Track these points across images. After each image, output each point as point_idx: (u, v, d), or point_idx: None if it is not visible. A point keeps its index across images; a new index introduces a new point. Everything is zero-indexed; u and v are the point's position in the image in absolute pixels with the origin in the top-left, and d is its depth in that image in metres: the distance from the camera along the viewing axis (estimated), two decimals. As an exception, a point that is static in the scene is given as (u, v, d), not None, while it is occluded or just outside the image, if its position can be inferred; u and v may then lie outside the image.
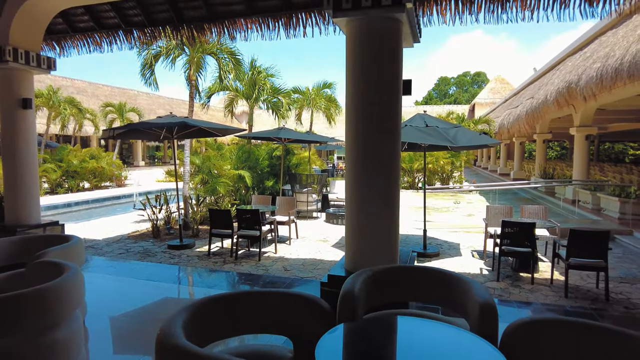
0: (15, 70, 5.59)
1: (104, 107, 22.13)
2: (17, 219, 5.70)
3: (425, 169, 7.72)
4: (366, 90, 3.80)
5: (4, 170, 5.73)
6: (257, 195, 8.94)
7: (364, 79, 3.79)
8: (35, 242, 3.89)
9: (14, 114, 5.62)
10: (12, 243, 3.85)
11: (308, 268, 6.62)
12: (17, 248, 3.83)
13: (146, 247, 7.97)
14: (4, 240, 3.81)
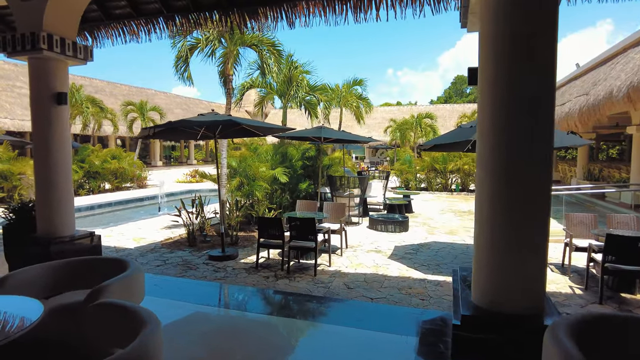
0: (50, 61, 4.88)
1: (124, 105, 21.59)
2: (50, 229, 4.99)
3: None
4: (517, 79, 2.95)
5: (36, 174, 5.03)
6: (302, 201, 8.16)
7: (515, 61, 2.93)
8: (83, 268, 3.04)
9: (48, 110, 4.90)
10: (54, 269, 2.98)
11: (373, 286, 5.82)
12: (61, 276, 2.98)
13: (184, 257, 7.25)
14: (44, 267, 2.95)
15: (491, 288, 3.06)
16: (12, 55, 4.83)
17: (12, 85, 24.57)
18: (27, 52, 4.70)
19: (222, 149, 8.83)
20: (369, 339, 3.97)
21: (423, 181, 18.90)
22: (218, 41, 8.07)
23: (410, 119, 23.01)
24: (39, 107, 4.91)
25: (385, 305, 5.06)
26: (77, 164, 16.22)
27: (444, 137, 7.03)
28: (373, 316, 4.74)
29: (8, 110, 22.61)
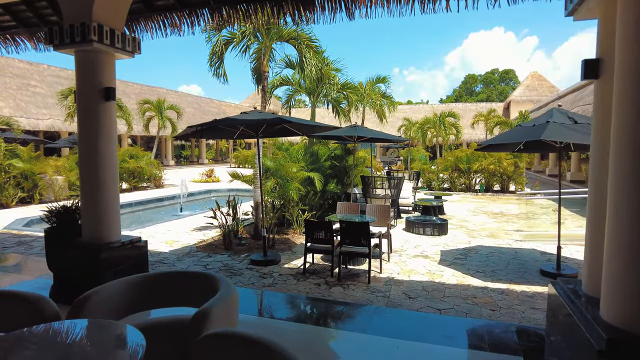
0: (99, 54, 4.53)
1: (141, 104, 21.31)
2: (97, 234, 4.65)
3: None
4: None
5: (82, 175, 4.69)
6: (343, 203, 7.79)
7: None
8: (162, 284, 2.63)
9: (96, 107, 4.56)
10: (130, 285, 2.56)
11: (435, 295, 5.44)
12: (137, 293, 2.55)
13: (224, 262, 6.90)
14: (121, 283, 2.56)
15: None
16: (59, 48, 4.49)
17: (26, 84, 24.39)
18: (75, 45, 4.36)
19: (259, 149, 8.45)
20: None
21: (445, 181, 18.48)
22: (254, 36, 7.71)
23: (433, 117, 22.57)
24: (86, 103, 4.57)
25: (466, 319, 4.65)
26: (96, 163, 15.94)
27: (504, 137, 6.63)
28: (456, 331, 4.33)
29: (24, 109, 22.42)
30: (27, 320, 2.17)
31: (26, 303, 2.21)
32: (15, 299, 2.27)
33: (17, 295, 2.27)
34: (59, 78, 27.35)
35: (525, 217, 11.93)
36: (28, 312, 2.19)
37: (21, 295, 2.26)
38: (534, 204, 14.62)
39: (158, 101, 21.70)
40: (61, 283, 4.90)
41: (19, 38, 7.32)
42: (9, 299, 2.28)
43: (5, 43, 7.46)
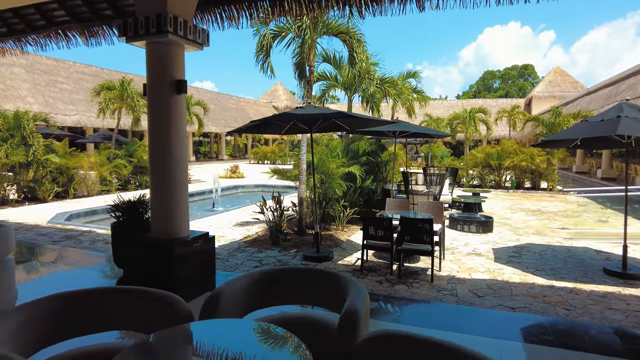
0: (171, 46, 4.46)
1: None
2: (167, 229, 4.59)
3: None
4: None
5: (153, 169, 4.64)
6: (393, 199, 7.66)
7: None
8: (279, 281, 2.66)
9: (166, 100, 4.50)
10: (251, 282, 2.61)
11: (503, 294, 5.29)
12: (256, 289, 2.60)
13: (277, 257, 6.83)
14: (245, 279, 2.57)
15: None
16: (132, 40, 4.43)
17: (54, 80, 24.68)
18: (150, 36, 4.29)
19: (303, 144, 8.37)
20: None
21: (475, 178, 18.19)
22: (301, 29, 7.57)
23: (462, 113, 22.25)
24: (157, 96, 4.51)
25: (558, 319, 4.49)
26: (126, 159, 16.06)
27: (566, 133, 6.43)
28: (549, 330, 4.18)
29: (52, 105, 22.69)
30: (163, 319, 2.11)
31: (159, 302, 2.14)
32: (144, 297, 2.20)
33: (146, 294, 2.20)
34: (83, 74, 27.64)
35: (565, 214, 11.65)
36: (163, 311, 2.12)
37: (152, 293, 2.19)
38: (570, 202, 14.30)
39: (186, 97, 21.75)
40: (130, 278, 4.87)
41: (70, 33, 7.34)
42: (138, 296, 2.21)
43: (56, 38, 7.49)
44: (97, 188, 14.68)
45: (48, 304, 2.05)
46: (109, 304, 2.17)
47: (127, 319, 2.17)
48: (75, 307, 2.12)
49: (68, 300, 2.12)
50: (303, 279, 2.52)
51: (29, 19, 7.28)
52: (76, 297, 2.15)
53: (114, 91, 16.16)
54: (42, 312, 2.02)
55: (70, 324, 2.11)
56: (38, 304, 2.03)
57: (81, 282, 5.54)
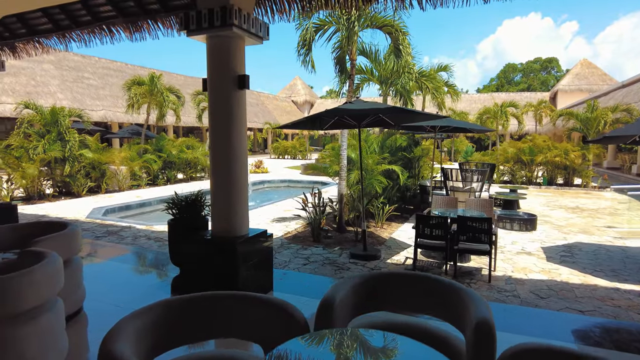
0: (233, 39, 4.36)
1: (195, 94, 21.53)
2: (228, 227, 4.52)
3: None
4: None
5: (213, 165, 4.55)
6: (440, 196, 7.47)
7: None
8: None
9: (228, 95, 4.40)
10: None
11: (567, 296, 5.09)
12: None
13: (323, 255, 6.73)
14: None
15: None
16: (193, 33, 4.33)
17: (81, 76, 24.98)
18: (214, 29, 4.19)
19: (344, 140, 8.23)
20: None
21: (506, 173, 17.81)
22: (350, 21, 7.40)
23: (494, 107, 21.79)
24: (219, 91, 4.41)
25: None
26: (155, 154, 16.15)
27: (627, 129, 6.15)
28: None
29: (79, 101, 22.97)
30: (278, 328, 2.01)
31: (276, 309, 2.04)
32: (261, 304, 2.10)
33: (265, 301, 2.10)
34: (109, 70, 27.92)
35: (607, 212, 11.28)
36: (279, 319, 2.02)
37: (271, 301, 2.09)
38: (607, 199, 13.87)
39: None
40: (187, 275, 4.82)
41: (114, 28, 7.31)
42: (254, 303, 2.11)
43: (100, 34, 7.47)
44: (127, 183, 14.80)
45: (162, 310, 1.97)
46: (222, 310, 2.08)
47: (241, 326, 2.07)
48: (188, 312, 2.03)
49: (183, 305, 2.03)
50: (407, 284, 2.39)
51: (75, 15, 7.27)
52: (191, 301, 2.06)
53: (143, 86, 16.24)
54: (157, 318, 1.94)
55: (184, 331, 2.02)
56: (153, 309, 1.95)
57: (139, 279, 5.54)
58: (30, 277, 2.53)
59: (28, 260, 3.06)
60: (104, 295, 4.47)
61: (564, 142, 17.00)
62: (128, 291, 4.85)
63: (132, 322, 1.86)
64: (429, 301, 2.30)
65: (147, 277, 5.66)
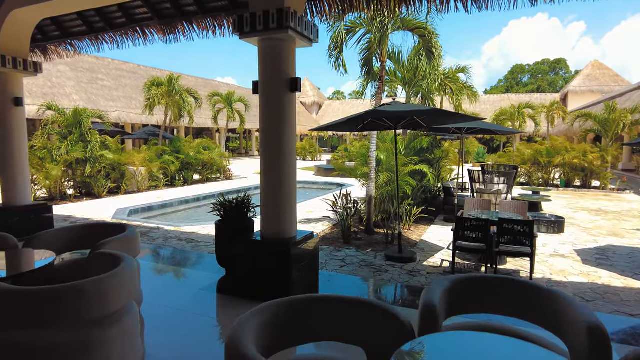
0: (285, 42, 4.34)
1: (210, 96, 21.59)
2: (278, 229, 4.53)
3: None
4: None
5: (264, 166, 4.56)
6: (472, 198, 7.46)
7: None
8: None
9: (281, 98, 4.38)
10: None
11: (613, 299, 5.07)
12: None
13: (357, 257, 6.73)
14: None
15: None
16: (247, 36, 4.33)
17: (95, 77, 25.14)
18: (270, 32, 4.19)
19: (373, 141, 8.23)
20: None
21: (522, 175, 17.73)
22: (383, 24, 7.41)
23: (510, 109, 21.73)
24: (271, 94, 4.42)
25: None
26: (173, 155, 16.21)
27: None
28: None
29: (94, 102, 23.10)
30: (385, 333, 2.02)
31: (384, 316, 2.04)
32: (368, 309, 2.10)
33: (373, 307, 2.10)
34: (122, 71, 28.08)
35: (631, 215, 11.20)
36: (384, 324, 2.03)
37: (380, 307, 2.09)
38: (629, 201, 13.78)
39: (228, 94, 21.87)
40: (234, 277, 4.83)
41: (148, 30, 7.35)
42: (361, 307, 2.12)
43: (133, 36, 7.52)
44: (146, 184, 14.87)
45: (278, 308, 1.98)
46: (325, 312, 2.08)
47: (344, 329, 2.08)
48: (297, 313, 2.04)
49: (294, 305, 2.05)
50: (494, 287, 2.39)
51: (110, 17, 7.33)
52: (301, 303, 2.07)
53: (162, 87, 16.32)
54: (271, 317, 1.95)
55: (291, 332, 2.03)
56: (270, 308, 1.96)
57: (184, 281, 5.57)
58: (117, 279, 2.55)
59: (99, 261, 3.09)
60: (154, 297, 4.48)
61: (582, 144, 16.91)
62: (176, 293, 4.88)
63: (251, 320, 1.87)
64: (519, 305, 2.29)
65: (191, 279, 5.69)
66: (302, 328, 2.06)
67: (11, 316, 2.33)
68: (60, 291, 2.33)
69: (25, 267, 3.16)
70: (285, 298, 2.07)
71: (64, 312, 2.36)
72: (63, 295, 2.33)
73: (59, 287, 2.36)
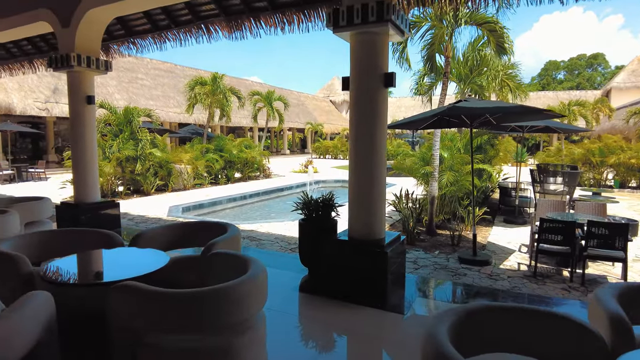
0: (382, 36, 4.20)
1: (251, 95, 21.74)
2: (368, 230, 4.39)
3: None
4: None
5: (356, 166, 4.41)
6: (545, 200, 7.12)
7: None
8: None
9: (374, 93, 4.20)
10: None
11: None
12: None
13: (429, 259, 6.51)
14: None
15: None
16: (342, 30, 4.19)
17: (135, 77, 25.65)
18: (368, 25, 4.02)
19: (437, 139, 7.99)
20: None
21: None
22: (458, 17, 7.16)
23: (560, 106, 21.01)
24: (364, 89, 4.23)
25: None
26: (217, 153, 16.32)
27: None
28: None
29: (135, 101, 23.55)
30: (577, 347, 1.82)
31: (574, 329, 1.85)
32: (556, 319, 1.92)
33: (560, 318, 1.92)
34: (159, 71, 28.57)
35: None
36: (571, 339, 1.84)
37: (569, 319, 1.91)
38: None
39: (268, 92, 21.96)
40: (317, 277, 4.72)
41: (212, 27, 7.31)
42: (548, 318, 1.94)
43: (197, 32, 7.49)
44: (191, 182, 15.01)
45: (466, 314, 1.84)
46: (520, 325, 1.92)
47: (542, 344, 1.90)
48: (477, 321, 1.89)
49: (480, 313, 1.89)
50: None
51: (175, 15, 7.34)
52: (478, 312, 1.92)
53: (206, 86, 16.45)
54: (458, 322, 1.81)
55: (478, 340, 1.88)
56: (457, 312, 1.82)
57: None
58: (254, 284, 2.45)
59: (221, 263, 3.00)
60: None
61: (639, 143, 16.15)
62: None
63: (445, 322, 1.73)
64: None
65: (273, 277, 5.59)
66: (490, 338, 1.91)
67: (162, 319, 2.25)
68: (206, 294, 2.24)
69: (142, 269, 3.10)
70: (476, 304, 1.92)
71: (208, 315, 2.27)
72: (206, 298, 2.24)
73: (204, 290, 2.27)
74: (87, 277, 2.74)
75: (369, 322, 3.91)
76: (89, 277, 2.74)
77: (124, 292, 2.24)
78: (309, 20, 6.28)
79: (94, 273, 2.84)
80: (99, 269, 2.92)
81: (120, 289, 2.26)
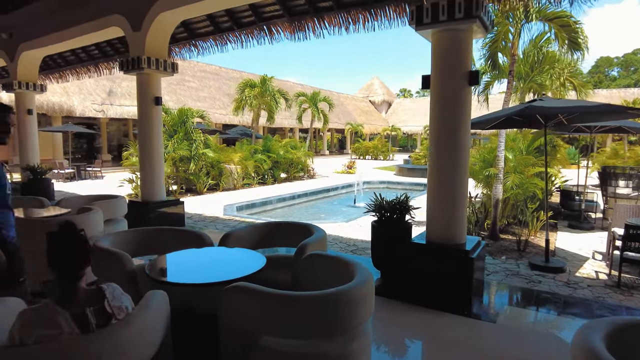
0: (466, 32, 4.06)
1: (296, 96, 21.96)
2: (448, 235, 4.25)
3: None
4: None
5: (435, 169, 4.28)
6: (623, 204, 6.70)
7: None
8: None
9: (458, 92, 4.06)
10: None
11: None
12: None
13: (498, 264, 6.26)
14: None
15: None
16: (425, 27, 4.07)
17: (182, 79, 26.39)
18: (456, 22, 3.87)
19: (502, 140, 7.69)
20: None
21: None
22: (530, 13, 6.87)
23: (624, 105, 19.96)
24: (447, 88, 4.09)
25: None
26: (265, 154, 16.50)
27: None
28: None
29: (182, 103, 24.17)
30: None
31: None
32: None
33: None
34: (205, 73, 29.27)
35: None
36: None
37: None
38: None
39: (314, 94, 22.09)
40: (390, 280, 4.61)
41: (274, 28, 7.34)
42: None
43: (259, 34, 7.55)
44: (241, 182, 15.24)
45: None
46: None
47: None
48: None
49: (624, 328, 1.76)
50: None
51: (238, 16, 7.42)
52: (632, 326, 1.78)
53: (255, 88, 16.69)
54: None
55: None
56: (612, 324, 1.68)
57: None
58: (367, 289, 2.37)
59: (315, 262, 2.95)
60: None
61: None
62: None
63: (599, 333, 1.60)
64: None
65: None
66: None
67: (278, 322, 2.21)
68: (329, 297, 2.18)
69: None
70: (627, 318, 1.77)
71: (326, 319, 2.21)
72: (329, 302, 2.18)
73: (327, 293, 2.21)
74: (193, 277, 2.75)
75: (456, 329, 3.76)
76: (194, 277, 2.75)
77: (240, 293, 2.22)
78: (375, 19, 6.16)
79: (198, 273, 2.86)
80: (201, 268, 2.94)
81: (235, 289, 2.24)
